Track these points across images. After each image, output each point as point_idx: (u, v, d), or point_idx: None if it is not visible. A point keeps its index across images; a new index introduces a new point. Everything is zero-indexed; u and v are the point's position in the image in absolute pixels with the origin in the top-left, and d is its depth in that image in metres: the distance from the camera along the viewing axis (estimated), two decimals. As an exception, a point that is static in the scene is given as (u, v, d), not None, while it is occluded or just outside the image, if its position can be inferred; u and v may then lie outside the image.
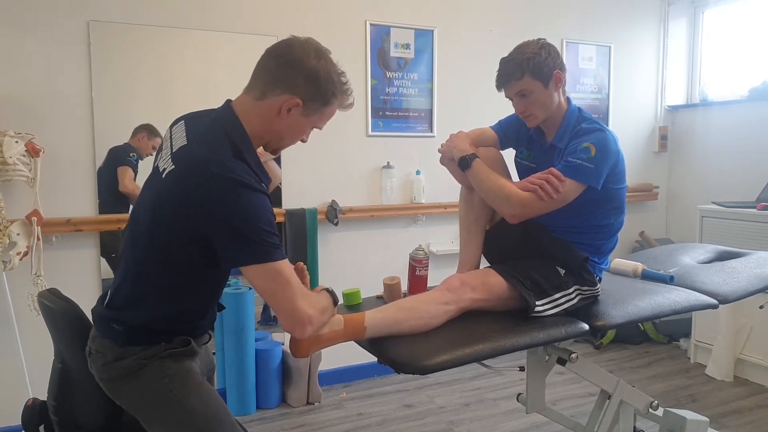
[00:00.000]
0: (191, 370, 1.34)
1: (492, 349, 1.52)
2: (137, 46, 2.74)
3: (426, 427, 2.80)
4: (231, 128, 1.31)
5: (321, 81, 1.32)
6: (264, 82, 1.33)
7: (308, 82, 1.31)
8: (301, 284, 1.31)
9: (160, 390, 1.30)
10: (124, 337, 1.32)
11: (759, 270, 2.14)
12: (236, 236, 1.23)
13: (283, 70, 1.31)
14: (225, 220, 1.22)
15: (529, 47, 1.75)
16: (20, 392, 2.46)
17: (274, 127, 1.34)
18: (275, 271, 1.25)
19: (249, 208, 1.23)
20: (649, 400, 1.84)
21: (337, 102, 1.38)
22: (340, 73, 1.36)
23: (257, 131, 1.34)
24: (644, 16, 4.15)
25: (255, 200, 1.24)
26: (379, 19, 3.25)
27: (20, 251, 2.42)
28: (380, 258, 3.29)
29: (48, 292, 1.60)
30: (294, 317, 1.28)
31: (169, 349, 1.31)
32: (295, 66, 1.31)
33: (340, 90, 1.37)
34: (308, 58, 1.31)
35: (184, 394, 1.30)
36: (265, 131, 1.35)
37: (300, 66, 1.31)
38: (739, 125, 3.86)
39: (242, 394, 2.91)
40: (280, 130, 1.35)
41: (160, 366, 1.30)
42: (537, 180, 1.67)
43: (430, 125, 3.43)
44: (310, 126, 1.39)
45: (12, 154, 2.36)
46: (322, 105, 1.35)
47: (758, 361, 3.23)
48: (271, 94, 1.31)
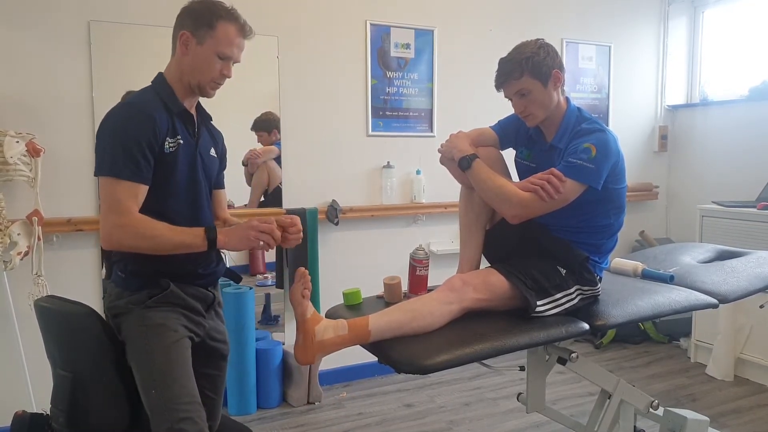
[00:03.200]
0: (168, 324, 1.50)
1: (492, 349, 1.53)
2: (138, 45, 2.74)
3: (426, 426, 2.80)
4: (155, 81, 1.60)
5: (197, 9, 1.54)
6: (172, 41, 1.59)
7: (189, 15, 1.55)
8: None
9: (138, 335, 1.49)
10: (122, 281, 1.54)
11: (759, 269, 2.14)
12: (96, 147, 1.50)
13: (176, 21, 1.58)
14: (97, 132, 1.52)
15: (528, 47, 1.75)
16: (21, 392, 2.46)
17: (184, 66, 1.56)
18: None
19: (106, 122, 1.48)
20: (649, 400, 1.84)
21: (225, 24, 1.53)
22: (220, 5, 1.55)
23: (175, 76, 1.58)
24: (644, 16, 4.15)
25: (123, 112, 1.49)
26: (379, 18, 3.25)
27: (21, 251, 2.42)
28: (380, 258, 3.29)
29: (48, 297, 1.59)
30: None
31: (153, 296, 1.51)
32: (179, 13, 1.57)
33: (223, 12, 1.54)
34: (189, 3, 1.57)
35: (153, 346, 1.47)
36: (181, 73, 1.57)
37: (182, 10, 1.57)
38: (739, 125, 3.86)
39: (243, 394, 2.91)
40: (189, 66, 1.55)
41: (141, 314, 1.50)
42: (538, 180, 1.67)
43: (430, 125, 3.44)
44: (213, 53, 1.53)
45: (13, 154, 2.36)
46: (208, 28, 1.52)
47: (758, 360, 3.23)
48: (175, 43, 1.58)
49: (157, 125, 1.49)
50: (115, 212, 1.43)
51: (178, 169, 1.55)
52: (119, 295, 1.54)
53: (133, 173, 1.44)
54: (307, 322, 1.55)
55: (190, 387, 1.46)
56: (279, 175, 3.07)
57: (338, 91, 3.18)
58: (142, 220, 1.45)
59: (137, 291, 1.53)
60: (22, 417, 1.57)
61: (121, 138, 1.44)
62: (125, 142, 1.44)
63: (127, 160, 1.43)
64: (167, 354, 1.47)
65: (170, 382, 1.44)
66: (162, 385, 1.43)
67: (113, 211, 1.43)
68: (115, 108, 1.53)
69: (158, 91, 1.57)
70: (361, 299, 1.87)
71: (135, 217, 1.44)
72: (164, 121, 1.52)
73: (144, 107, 1.50)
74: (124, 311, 1.53)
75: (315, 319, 1.57)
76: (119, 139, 1.44)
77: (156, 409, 1.42)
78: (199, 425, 1.43)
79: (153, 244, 1.46)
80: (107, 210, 1.44)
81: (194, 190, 1.62)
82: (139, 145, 1.45)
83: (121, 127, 1.46)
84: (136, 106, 1.51)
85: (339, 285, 2.04)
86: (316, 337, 1.54)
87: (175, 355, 1.48)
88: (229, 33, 1.54)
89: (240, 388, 2.90)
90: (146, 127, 1.47)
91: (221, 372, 1.75)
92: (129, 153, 1.43)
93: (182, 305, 1.56)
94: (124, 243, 1.45)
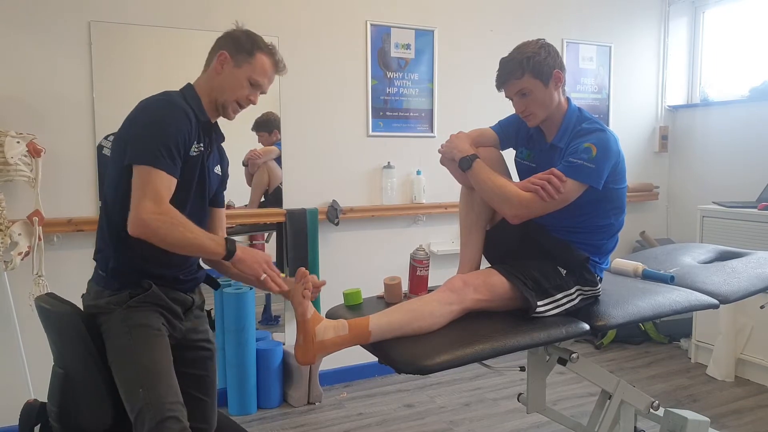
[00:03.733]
0: (151, 324, 1.53)
1: (492, 349, 1.52)
2: (138, 46, 2.74)
3: (426, 426, 2.80)
4: (185, 90, 1.65)
5: (241, 37, 1.64)
6: (208, 58, 1.68)
7: (231, 40, 1.64)
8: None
9: (121, 335, 1.51)
10: (102, 280, 1.57)
11: (760, 270, 2.14)
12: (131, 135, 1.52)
13: (217, 42, 1.67)
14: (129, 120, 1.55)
15: (529, 47, 1.75)
16: (21, 392, 2.46)
17: (215, 83, 1.63)
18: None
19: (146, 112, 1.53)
20: (649, 400, 1.84)
21: (263, 56, 1.63)
22: (261, 39, 1.65)
23: (204, 90, 1.64)
24: (645, 16, 4.14)
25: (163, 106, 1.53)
26: (380, 19, 3.25)
27: (21, 251, 2.42)
28: (381, 258, 3.29)
29: (46, 296, 1.60)
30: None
31: (134, 296, 1.53)
32: (222, 36, 1.67)
33: (263, 45, 1.64)
34: (233, 30, 1.67)
35: (137, 345, 1.49)
36: (211, 89, 1.63)
37: (225, 34, 1.67)
38: (740, 125, 3.86)
39: (243, 394, 2.91)
40: (220, 84, 1.63)
41: (123, 314, 1.52)
42: (538, 180, 1.66)
43: (430, 125, 3.43)
44: (245, 77, 1.62)
45: (13, 154, 2.36)
46: (247, 55, 1.62)
47: (759, 361, 3.23)
48: (211, 60, 1.65)
49: (192, 127, 1.55)
50: (152, 200, 1.44)
51: (193, 174, 1.59)
52: (99, 294, 1.56)
53: (169, 167, 1.48)
54: (308, 323, 1.55)
55: (175, 386, 1.48)
56: (279, 176, 3.07)
57: (338, 91, 3.18)
58: (176, 211, 1.48)
59: (118, 291, 1.54)
60: (32, 405, 1.62)
61: (160, 131, 1.48)
62: (164, 135, 1.48)
63: (165, 153, 1.47)
64: (152, 353, 1.49)
65: (156, 381, 1.45)
66: (148, 384, 1.44)
67: (151, 199, 1.44)
68: (152, 100, 1.56)
69: (187, 98, 1.61)
70: (362, 299, 1.87)
71: (171, 207, 1.47)
72: (195, 127, 1.57)
73: (184, 109, 1.55)
74: (105, 311, 1.54)
75: (315, 319, 1.57)
76: (159, 131, 1.48)
77: (141, 407, 1.43)
78: (183, 423, 1.44)
79: (182, 238, 1.47)
80: (143, 197, 1.44)
81: (197, 198, 1.65)
82: (175, 141, 1.49)
83: (162, 120, 1.50)
84: (175, 103, 1.55)
85: (339, 285, 2.04)
86: (316, 338, 1.54)
87: (159, 354, 1.50)
88: (265, 64, 1.64)
89: (240, 388, 2.90)
90: (183, 125, 1.52)
91: (209, 372, 1.74)
92: (167, 147, 1.47)
93: (163, 306, 1.58)
94: (160, 231, 1.45)
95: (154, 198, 1.44)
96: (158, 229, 1.45)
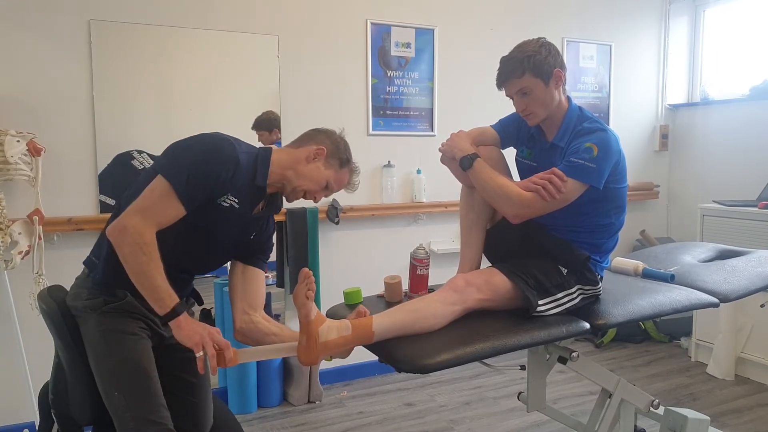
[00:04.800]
0: (123, 329, 1.52)
1: (493, 348, 1.52)
2: (138, 45, 2.74)
3: (427, 425, 2.80)
4: (263, 151, 1.65)
5: (341, 146, 1.71)
6: (302, 138, 1.72)
7: (333, 143, 1.70)
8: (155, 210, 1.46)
9: (97, 339, 1.51)
10: (83, 280, 1.59)
11: (760, 269, 2.14)
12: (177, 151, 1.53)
13: (318, 132, 1.72)
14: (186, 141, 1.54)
15: (530, 45, 1.75)
16: (22, 391, 2.46)
17: (298, 167, 1.64)
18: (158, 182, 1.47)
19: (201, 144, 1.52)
20: (649, 399, 1.84)
21: (347, 172, 1.72)
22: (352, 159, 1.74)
23: (282, 164, 1.64)
24: (645, 15, 4.14)
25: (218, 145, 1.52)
26: (380, 18, 3.24)
27: (22, 250, 2.42)
28: (381, 257, 3.29)
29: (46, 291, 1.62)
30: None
31: (109, 303, 1.52)
32: (326, 133, 1.72)
33: (352, 164, 1.74)
34: (337, 135, 1.73)
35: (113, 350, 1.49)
36: (289, 168, 1.64)
37: (331, 134, 1.72)
38: (740, 124, 3.86)
39: (243, 393, 2.91)
40: (303, 171, 1.64)
41: (98, 319, 1.51)
42: (539, 180, 1.66)
43: (430, 124, 3.43)
44: (326, 178, 1.67)
45: (13, 153, 2.36)
46: (339, 164, 1.69)
47: (759, 359, 3.23)
48: (305, 145, 1.68)
49: (234, 179, 1.53)
50: (143, 216, 1.43)
51: (213, 223, 1.57)
52: (77, 296, 1.57)
53: (185, 196, 1.47)
54: (311, 324, 1.54)
55: (153, 387, 1.48)
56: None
57: (339, 90, 3.18)
58: (153, 243, 1.44)
59: (93, 297, 1.54)
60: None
61: (200, 165, 1.48)
62: (206, 170, 1.48)
63: (189, 184, 1.46)
64: (127, 357, 1.49)
65: (133, 385, 1.46)
66: (125, 388, 1.45)
67: (143, 214, 1.43)
68: (217, 138, 1.56)
69: (258, 159, 1.61)
70: (362, 298, 1.87)
71: (150, 240, 1.43)
72: (240, 182, 1.55)
73: (239, 160, 1.53)
74: (80, 314, 1.55)
75: (319, 320, 1.56)
76: (199, 165, 1.48)
77: (119, 411, 1.44)
78: (163, 425, 1.44)
79: (138, 270, 1.43)
80: (140, 209, 1.44)
81: (213, 248, 1.65)
82: (206, 182, 1.49)
83: (207, 158, 1.50)
84: (232, 152, 1.53)
85: (339, 284, 2.04)
86: (320, 339, 1.53)
87: (134, 356, 1.50)
88: (345, 178, 1.73)
89: (240, 387, 2.91)
90: (223, 172, 1.50)
91: (198, 380, 1.71)
92: (195, 181, 1.47)
93: (139, 314, 1.56)
94: (124, 250, 1.43)
95: (147, 215, 1.44)
96: (124, 246, 1.43)
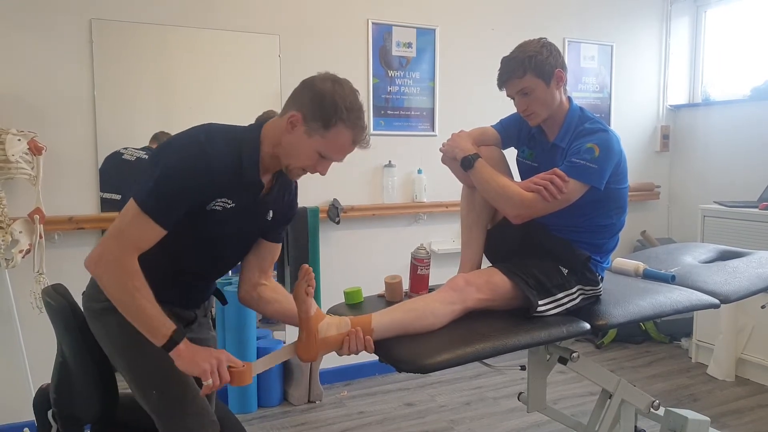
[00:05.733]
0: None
1: (493, 348, 1.52)
2: (139, 44, 2.74)
3: (427, 425, 2.80)
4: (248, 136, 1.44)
5: (325, 102, 1.36)
6: (286, 102, 1.45)
7: (312, 101, 1.37)
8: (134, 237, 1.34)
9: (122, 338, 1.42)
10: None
11: (761, 270, 2.14)
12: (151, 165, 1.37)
13: (299, 89, 1.42)
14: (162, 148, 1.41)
15: (531, 46, 1.75)
16: (23, 389, 2.46)
17: (282, 141, 1.42)
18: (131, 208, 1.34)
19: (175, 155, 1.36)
20: (650, 400, 1.84)
21: (342, 130, 1.37)
22: (350, 105, 1.37)
23: (272, 141, 1.43)
24: (646, 15, 4.14)
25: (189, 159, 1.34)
26: (381, 17, 3.24)
27: (22, 249, 2.42)
28: (382, 257, 3.29)
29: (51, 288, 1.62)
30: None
31: None
32: (307, 85, 1.40)
33: (346, 117, 1.36)
34: (321, 82, 1.38)
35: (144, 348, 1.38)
36: (276, 145, 1.43)
37: (311, 86, 1.39)
38: (741, 125, 3.85)
39: (243, 393, 2.91)
40: (286, 145, 1.42)
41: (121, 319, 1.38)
42: (541, 180, 1.66)
43: (431, 124, 3.43)
44: (314, 149, 1.40)
45: (14, 152, 2.36)
46: (322, 126, 1.37)
47: (759, 360, 3.23)
48: (286, 111, 1.42)
49: (213, 188, 1.38)
50: (119, 243, 1.33)
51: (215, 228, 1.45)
52: (95, 297, 1.47)
53: (159, 217, 1.33)
54: (311, 320, 1.54)
55: (191, 382, 1.46)
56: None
57: (340, 89, 3.18)
58: (135, 271, 1.33)
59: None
60: (45, 390, 1.64)
61: (171, 181, 1.33)
62: (173, 187, 1.33)
63: (163, 203, 1.33)
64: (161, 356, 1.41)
65: (171, 382, 1.43)
66: (163, 386, 1.43)
67: (119, 241, 1.33)
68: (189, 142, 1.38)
69: (243, 153, 1.40)
70: (362, 298, 1.87)
71: (132, 264, 1.33)
72: (224, 184, 1.39)
73: (211, 165, 1.35)
74: (100, 314, 1.46)
75: (318, 316, 1.57)
76: (169, 180, 1.33)
77: (159, 409, 1.42)
78: (209, 416, 1.44)
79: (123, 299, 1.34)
80: (115, 235, 1.34)
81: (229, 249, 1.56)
82: (182, 196, 1.35)
83: (178, 173, 1.33)
84: (205, 159, 1.35)
85: (340, 284, 2.04)
86: (319, 335, 1.54)
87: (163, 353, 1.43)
88: (342, 140, 1.39)
89: (241, 387, 2.90)
90: (200, 185, 1.35)
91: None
92: (166, 200, 1.33)
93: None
94: (104, 278, 1.35)
95: (123, 244, 1.32)
96: (103, 276, 1.35)
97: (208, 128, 1.42)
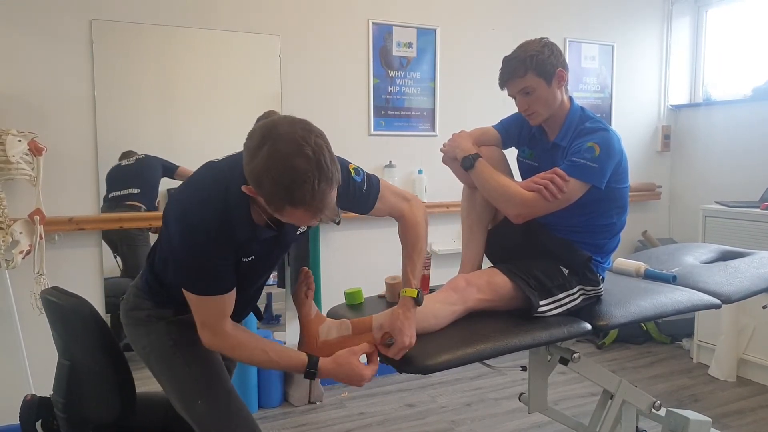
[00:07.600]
0: (196, 341, 1.40)
1: (494, 349, 1.52)
2: (140, 44, 2.74)
3: (427, 426, 2.79)
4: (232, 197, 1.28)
5: (263, 187, 1.16)
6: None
7: (253, 183, 1.18)
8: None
9: (166, 348, 1.45)
10: (147, 289, 1.49)
11: (762, 270, 2.13)
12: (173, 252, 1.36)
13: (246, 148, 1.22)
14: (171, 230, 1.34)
15: (532, 45, 1.75)
16: (23, 390, 2.45)
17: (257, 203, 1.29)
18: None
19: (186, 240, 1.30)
20: (651, 400, 1.83)
21: (292, 211, 1.17)
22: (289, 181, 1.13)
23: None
24: (647, 15, 4.13)
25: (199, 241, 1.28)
26: (382, 17, 3.24)
27: (23, 250, 2.42)
28: (382, 257, 3.28)
29: (53, 289, 1.61)
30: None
31: (179, 314, 1.44)
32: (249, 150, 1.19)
33: (299, 197, 1.14)
34: (257, 151, 1.15)
35: (189, 358, 1.44)
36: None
37: (253, 153, 1.17)
38: (743, 125, 3.85)
39: (244, 393, 2.91)
40: (261, 208, 1.30)
41: (166, 328, 1.45)
42: (541, 180, 1.66)
43: (432, 124, 3.43)
44: (283, 217, 1.22)
45: (15, 152, 2.36)
46: (274, 210, 1.20)
47: (761, 361, 3.22)
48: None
49: (236, 246, 1.33)
50: (207, 328, 1.37)
51: (250, 270, 1.43)
52: (138, 305, 1.50)
53: (219, 288, 1.32)
54: (311, 323, 1.54)
55: (235, 393, 1.47)
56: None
57: (340, 90, 3.18)
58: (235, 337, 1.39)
59: (162, 306, 1.48)
60: (31, 401, 1.62)
61: (201, 259, 1.29)
62: (206, 262, 1.29)
63: (210, 279, 1.31)
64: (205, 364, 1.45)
65: (216, 392, 1.45)
66: (208, 396, 1.43)
67: (205, 327, 1.37)
68: (191, 225, 1.28)
69: (233, 212, 1.29)
70: (363, 299, 1.87)
71: (228, 334, 1.38)
72: (240, 247, 1.35)
73: (222, 229, 1.28)
74: (144, 322, 1.48)
75: (318, 319, 1.56)
76: (199, 259, 1.29)
77: (204, 419, 1.43)
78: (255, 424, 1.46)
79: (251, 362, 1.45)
80: (200, 324, 1.38)
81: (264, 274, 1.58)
82: (223, 267, 1.32)
83: (202, 249, 1.27)
84: (213, 230, 1.27)
85: (340, 284, 2.04)
86: (319, 338, 1.53)
87: (213, 363, 1.47)
88: (297, 216, 1.20)
89: (241, 387, 2.90)
90: (224, 251, 1.31)
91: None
92: (212, 272, 1.30)
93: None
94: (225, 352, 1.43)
95: (208, 326, 1.37)
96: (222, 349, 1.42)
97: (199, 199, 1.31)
